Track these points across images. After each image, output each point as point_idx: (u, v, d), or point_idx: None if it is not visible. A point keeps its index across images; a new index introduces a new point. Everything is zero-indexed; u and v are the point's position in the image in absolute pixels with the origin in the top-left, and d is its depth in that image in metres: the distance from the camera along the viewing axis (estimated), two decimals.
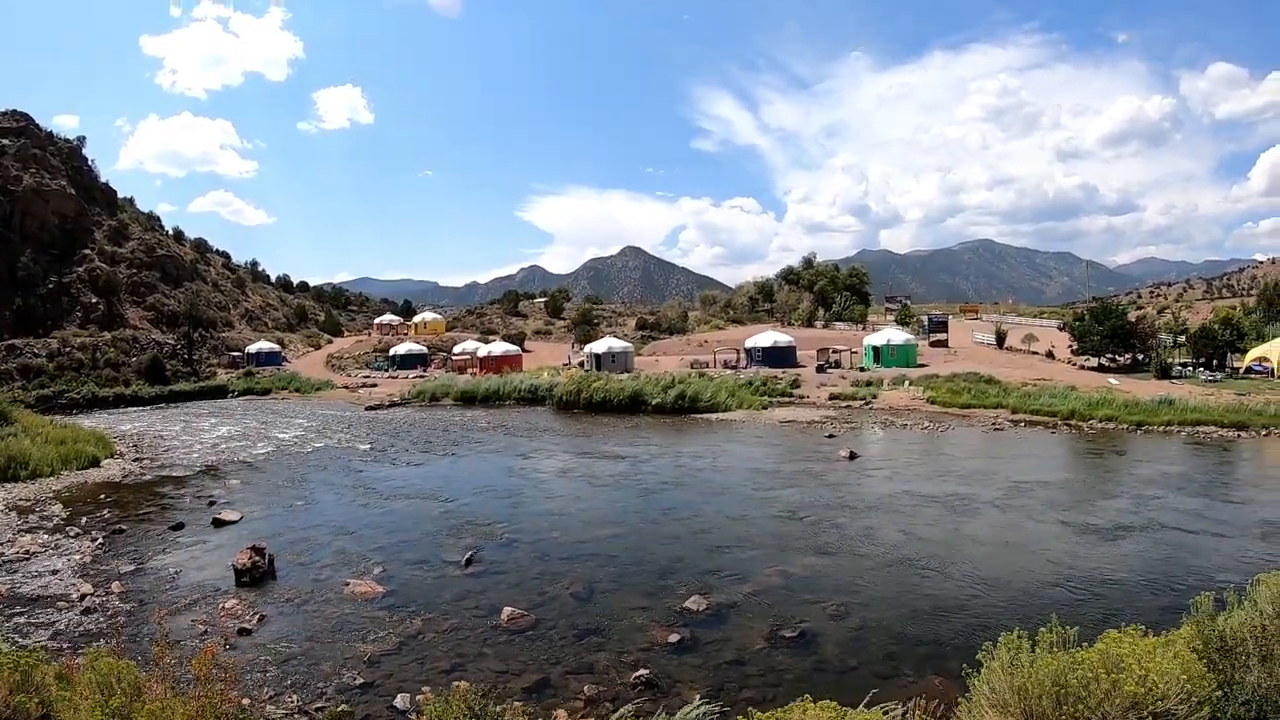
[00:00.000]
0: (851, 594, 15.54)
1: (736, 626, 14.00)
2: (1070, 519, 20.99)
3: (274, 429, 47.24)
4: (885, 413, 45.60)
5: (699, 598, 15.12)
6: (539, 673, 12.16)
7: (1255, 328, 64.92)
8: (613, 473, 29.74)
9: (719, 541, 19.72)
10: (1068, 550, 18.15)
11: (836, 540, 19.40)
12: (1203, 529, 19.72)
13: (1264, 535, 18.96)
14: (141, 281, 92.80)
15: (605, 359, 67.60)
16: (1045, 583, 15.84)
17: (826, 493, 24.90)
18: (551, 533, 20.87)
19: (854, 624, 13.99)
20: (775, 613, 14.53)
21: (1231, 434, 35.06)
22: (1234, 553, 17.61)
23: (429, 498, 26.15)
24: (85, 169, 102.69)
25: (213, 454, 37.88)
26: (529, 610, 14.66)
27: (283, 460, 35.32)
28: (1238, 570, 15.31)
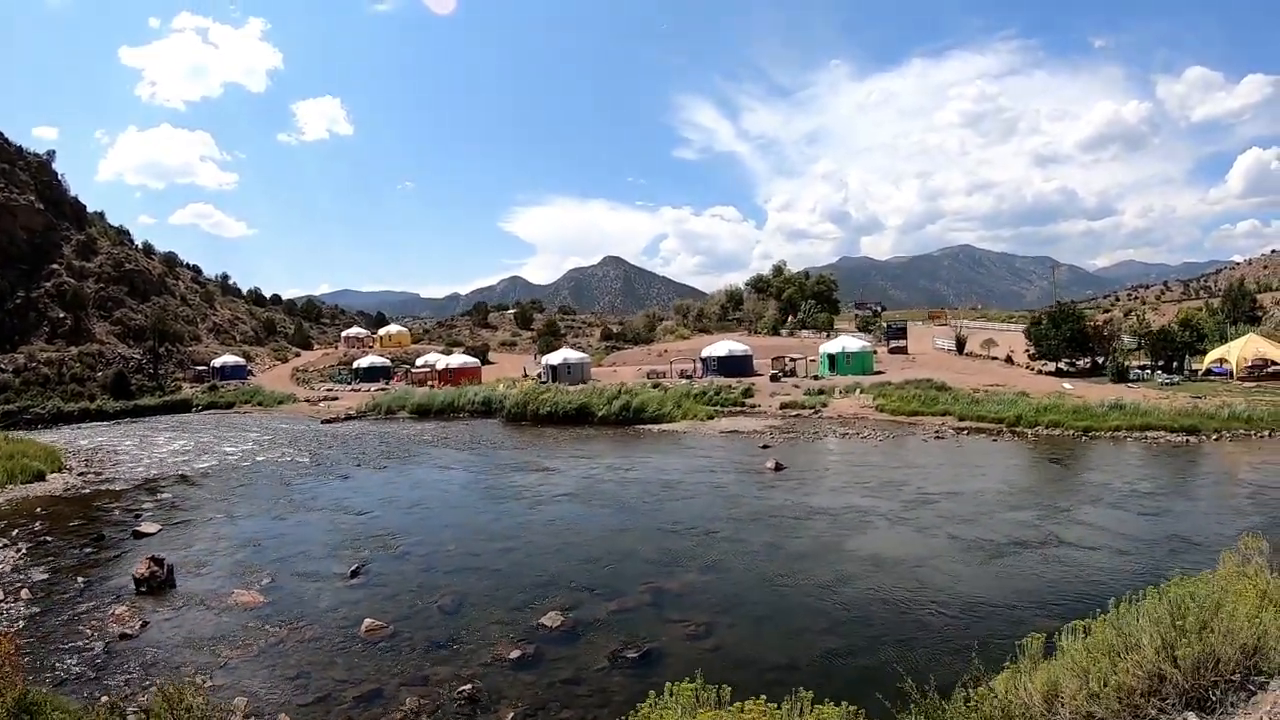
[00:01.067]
0: (719, 613, 15.57)
1: (585, 644, 14.24)
2: (963, 533, 20.60)
3: (225, 443, 48.08)
4: (831, 422, 45.85)
5: (556, 614, 15.41)
6: (375, 683, 12.83)
7: (1218, 328, 64.71)
8: (529, 485, 30.52)
9: (604, 556, 20.06)
10: (945, 569, 17.87)
11: (724, 556, 19.42)
12: (1104, 544, 19.22)
13: (1171, 551, 18.09)
14: (109, 296, 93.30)
15: (561, 370, 68.10)
16: (909, 604, 15.56)
17: (735, 506, 25.18)
18: (446, 546, 21.69)
19: (709, 645, 14.10)
20: (630, 631, 14.65)
21: (1180, 439, 34.97)
22: (1127, 571, 16.82)
23: (342, 510, 27.09)
24: (55, 183, 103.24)
25: (157, 468, 38.77)
26: (389, 622, 15.33)
27: (221, 474, 36.21)
28: (1121, 591, 14.76)
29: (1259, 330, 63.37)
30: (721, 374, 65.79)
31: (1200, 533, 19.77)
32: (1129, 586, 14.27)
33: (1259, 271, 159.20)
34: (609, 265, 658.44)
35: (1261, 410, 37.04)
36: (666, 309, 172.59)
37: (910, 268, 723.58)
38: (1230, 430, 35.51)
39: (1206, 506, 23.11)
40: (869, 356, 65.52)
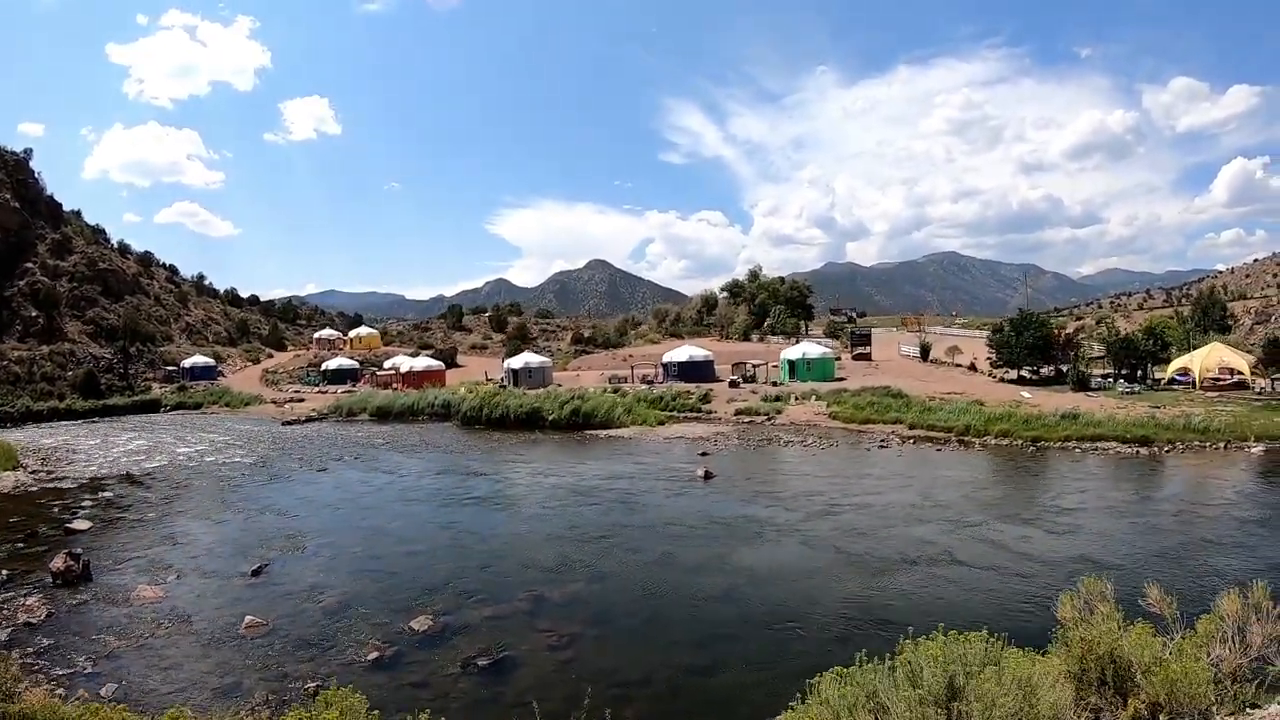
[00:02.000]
0: (591, 624, 15.78)
1: (444, 649, 14.63)
2: (854, 548, 20.54)
3: (181, 444, 49.07)
4: (781, 429, 46.11)
5: (427, 618, 15.89)
6: (236, 677, 13.56)
7: (1186, 336, 64.52)
8: (451, 489, 31.50)
9: (497, 561, 20.62)
10: (822, 585, 17.85)
11: (618, 566, 19.72)
12: (996, 564, 18.79)
13: (1067, 574, 17.01)
14: (82, 295, 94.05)
15: (522, 374, 68.70)
16: (775, 622, 15.48)
17: (647, 515, 25.51)
18: (352, 547, 22.67)
19: (566, 656, 14.26)
20: (493, 639, 14.92)
21: (1130, 450, 34.45)
22: (1004, 595, 16.63)
23: (267, 511, 28.15)
24: (31, 182, 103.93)
25: (108, 467, 39.75)
26: (271, 620, 16.18)
27: (167, 474, 37.22)
28: (1002, 617, 14.70)
29: (1228, 339, 63.40)
30: (682, 379, 66.23)
31: (1108, 554, 19.23)
32: (997, 613, 15.06)
33: (1241, 280, 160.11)
34: (595, 268, 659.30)
35: (1219, 421, 36.76)
36: (645, 313, 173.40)
37: (895, 274, 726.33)
38: (1184, 441, 35.15)
39: (1127, 525, 22.33)
40: (830, 363, 65.63)
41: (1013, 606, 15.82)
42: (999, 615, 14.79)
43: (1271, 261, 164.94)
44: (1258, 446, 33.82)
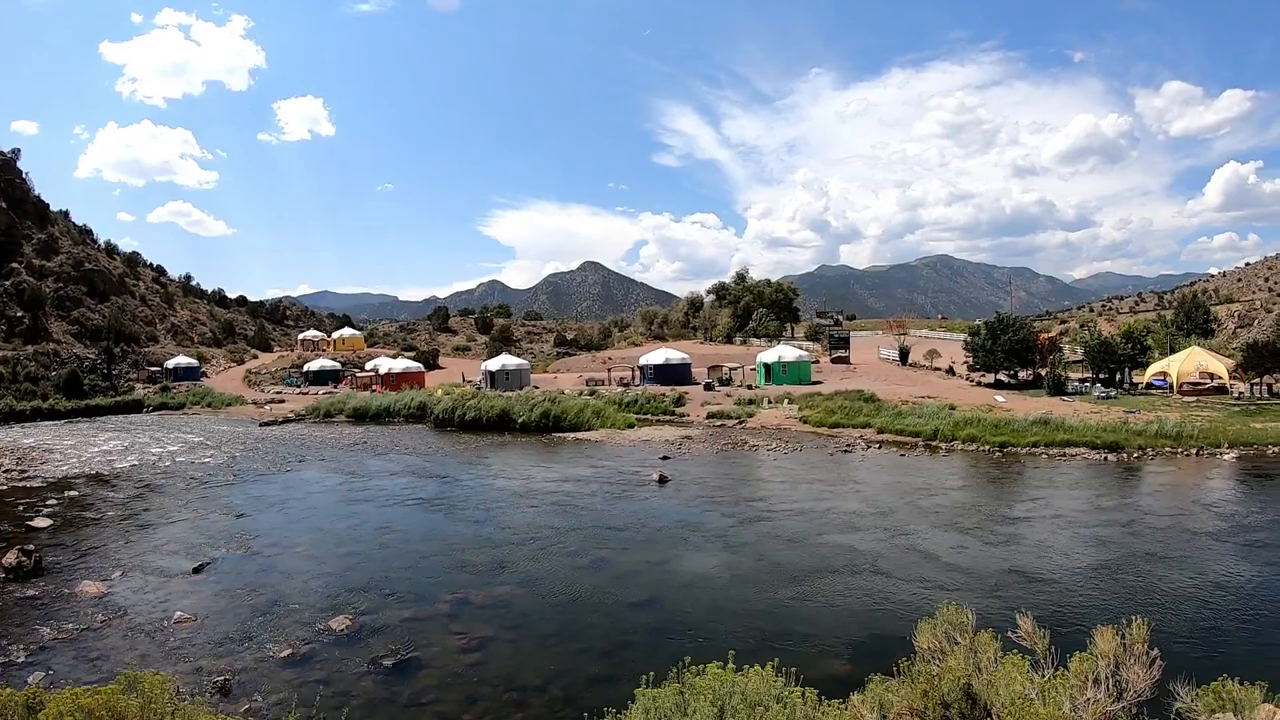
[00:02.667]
0: (507, 628, 16.10)
1: (356, 649, 15.04)
2: (781, 555, 20.79)
3: (156, 444, 49.72)
4: (751, 433, 46.35)
5: (345, 617, 16.39)
6: (149, 667, 13.75)
7: (1168, 340, 64.84)
8: (405, 491, 32.10)
9: (427, 563, 21.10)
10: (738, 594, 18.01)
11: (548, 570, 20.00)
12: (921, 576, 18.73)
13: (989, 588, 17.53)
14: (68, 295, 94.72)
15: (499, 376, 69.47)
16: (684, 632, 15.59)
17: (592, 519, 25.87)
18: (295, 547, 23.38)
19: (473, 659, 14.53)
20: (405, 640, 15.35)
21: (1099, 456, 34.42)
22: (918, 607, 15.50)
23: (222, 511, 28.83)
24: (19, 182, 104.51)
25: (80, 467, 40.44)
26: (199, 616, 16.81)
27: (136, 474, 37.90)
28: (903, 630, 13.94)
29: (1209, 343, 64.27)
30: (658, 382, 67.06)
31: (1040, 567, 19.16)
32: (901, 627, 13.90)
33: (1233, 284, 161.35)
34: (588, 270, 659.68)
35: (1193, 426, 36.72)
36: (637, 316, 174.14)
37: (888, 277, 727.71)
38: (1155, 448, 35.00)
39: (1069, 536, 21.98)
40: (806, 366, 66.33)
41: (916, 621, 15.60)
42: (900, 629, 14.17)
43: (1263, 265, 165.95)
44: (1230, 453, 33.74)
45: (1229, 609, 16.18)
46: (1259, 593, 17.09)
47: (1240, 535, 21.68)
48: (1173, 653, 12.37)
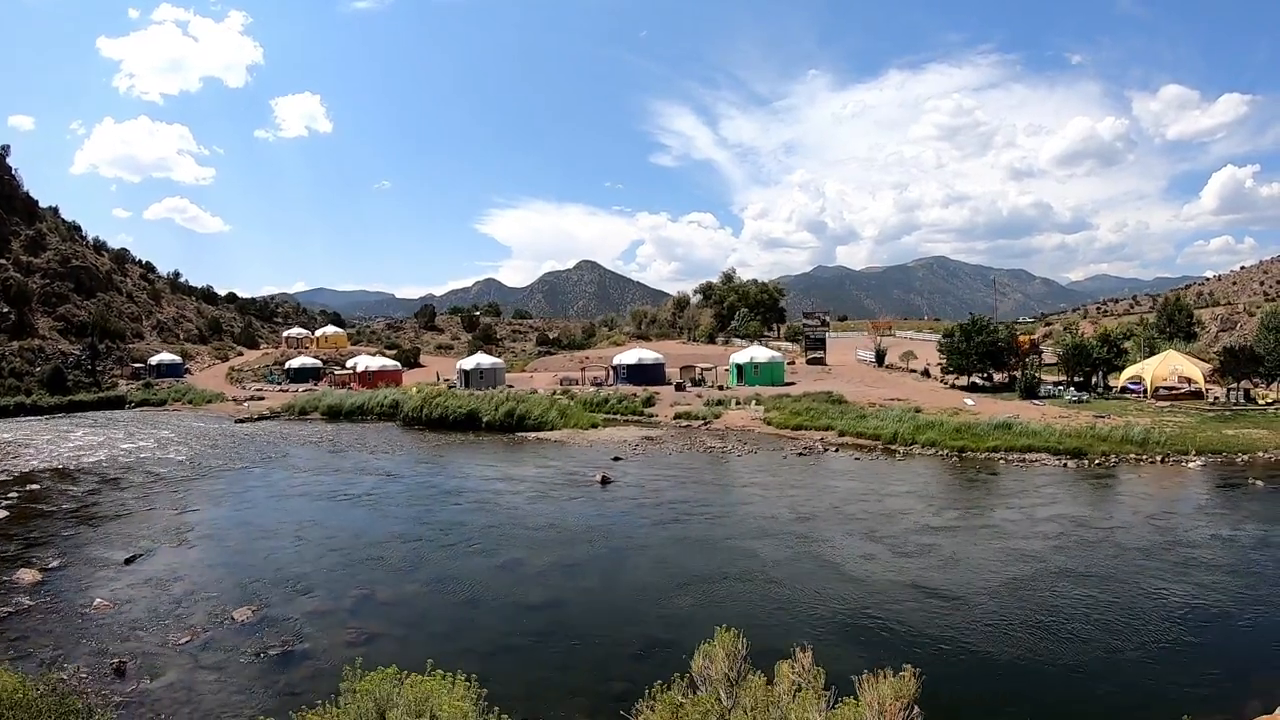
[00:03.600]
0: (401, 624, 16.91)
1: (252, 638, 15.90)
2: (684, 559, 21.23)
3: (129, 440, 50.86)
4: (714, 434, 46.42)
5: (248, 609, 17.32)
6: (64, 649, 15.23)
7: (1147, 343, 63.71)
8: (348, 487, 33.24)
9: (345, 558, 21.81)
10: (633, 597, 18.49)
11: (459, 569, 20.72)
12: (817, 586, 18.73)
13: (872, 605, 17.26)
14: (54, 291, 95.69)
15: (474, 375, 70.09)
16: (574, 633, 16.15)
17: (521, 518, 26.51)
18: (226, 541, 24.51)
19: (359, 652, 14.02)
20: (298, 632, 16.19)
21: (1059, 462, 33.91)
22: (796, 620, 16.51)
23: (168, 504, 30.08)
24: (7, 179, 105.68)
25: (49, 461, 41.75)
26: (117, 603, 17.89)
27: (100, 469, 39.14)
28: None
29: (1192, 347, 63.95)
30: (631, 382, 67.17)
31: (946, 582, 18.81)
32: (776, 639, 14.20)
33: (1228, 287, 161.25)
34: (584, 269, 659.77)
35: (1162, 433, 36.12)
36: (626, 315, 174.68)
37: (885, 278, 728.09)
38: (1120, 454, 34.27)
39: (989, 549, 21.55)
40: (779, 367, 66.43)
41: (786, 634, 15.05)
42: (763, 641, 14.17)
43: (1258, 269, 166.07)
44: (1197, 461, 33.15)
45: (1123, 638, 15.34)
46: (1169, 621, 16.20)
47: (1175, 553, 20.86)
48: (1031, 691, 13.18)
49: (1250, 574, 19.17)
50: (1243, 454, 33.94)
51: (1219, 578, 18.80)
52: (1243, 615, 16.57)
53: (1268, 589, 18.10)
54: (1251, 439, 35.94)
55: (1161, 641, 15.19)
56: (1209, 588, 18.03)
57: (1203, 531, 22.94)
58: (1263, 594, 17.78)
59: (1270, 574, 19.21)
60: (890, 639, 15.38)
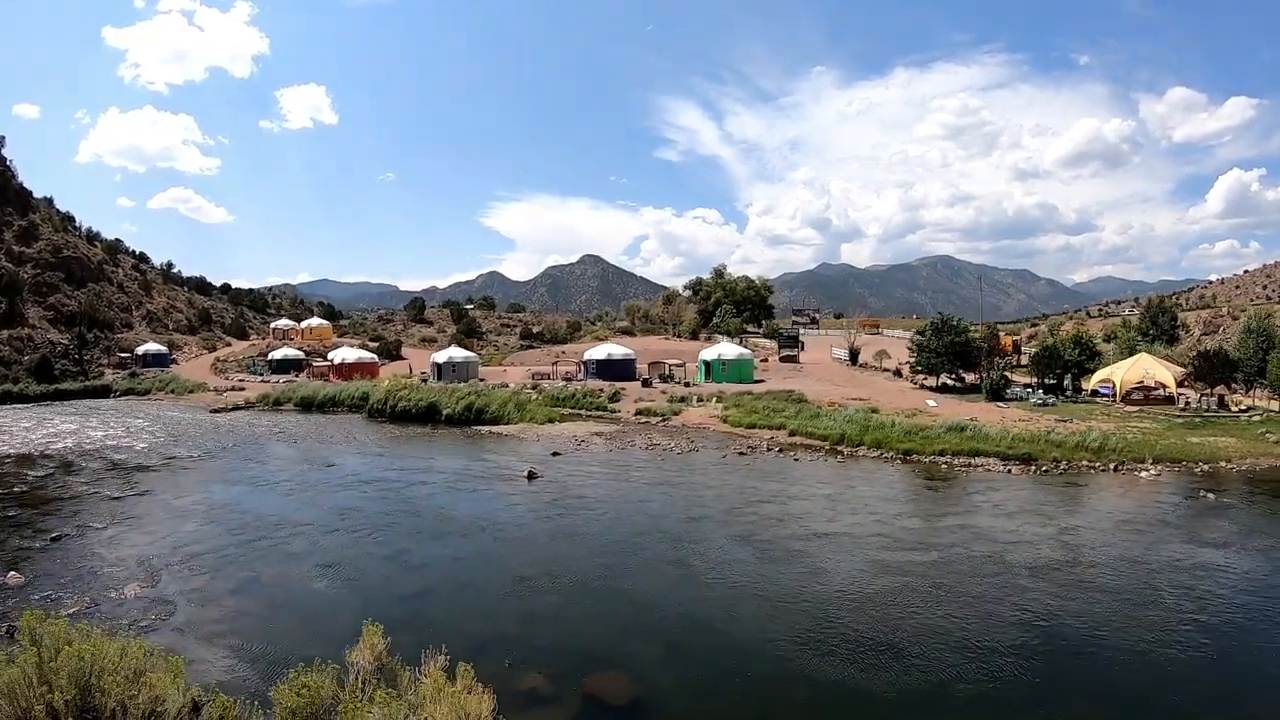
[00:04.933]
0: (263, 603, 18.40)
1: (129, 610, 17.58)
2: (540, 555, 22.08)
3: (102, 428, 52.71)
4: (670, 430, 46.98)
5: (137, 585, 19.11)
6: None
7: (1128, 345, 63.08)
8: (277, 474, 35.37)
9: (251, 544, 23.18)
10: (474, 593, 19.35)
11: (333, 556, 21.98)
12: (655, 589, 19.27)
13: (709, 617, 17.37)
14: (45, 281, 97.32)
15: (446, 368, 71.32)
16: (405, 623, 16.18)
17: (426, 509, 27.99)
18: (149, 523, 26.28)
19: (229, 625, 16.90)
20: (176, 608, 17.88)
21: (1003, 468, 33.35)
22: (640, 624, 17.14)
23: (110, 491, 31.70)
24: (1, 170, 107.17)
25: (19, 448, 43.69)
26: (29, 576, 19.73)
27: (64, 455, 41.02)
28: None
29: (1175, 350, 63.00)
30: (600, 377, 67.93)
31: (798, 592, 18.69)
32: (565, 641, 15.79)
33: (1231, 291, 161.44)
34: (588, 264, 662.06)
35: (1122, 439, 35.42)
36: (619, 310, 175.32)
37: (888, 276, 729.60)
38: (1072, 460, 33.65)
39: (867, 559, 21.32)
40: (748, 365, 66.55)
41: (599, 635, 16.69)
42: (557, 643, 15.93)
43: (1261, 273, 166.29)
44: (1152, 470, 32.27)
45: (937, 670, 14.67)
46: (1014, 652, 15.33)
47: (1066, 574, 19.90)
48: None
49: (1137, 601, 18.00)
50: (1204, 464, 33.06)
51: (1093, 604, 17.78)
52: (1086, 649, 15.51)
53: (1141, 619, 16.99)
54: (1217, 448, 35.12)
55: (986, 677, 14.33)
56: (1070, 615, 17.12)
57: (1113, 550, 21.84)
58: (1134, 623, 16.77)
59: (1160, 602, 17.98)
60: (667, 647, 15.86)
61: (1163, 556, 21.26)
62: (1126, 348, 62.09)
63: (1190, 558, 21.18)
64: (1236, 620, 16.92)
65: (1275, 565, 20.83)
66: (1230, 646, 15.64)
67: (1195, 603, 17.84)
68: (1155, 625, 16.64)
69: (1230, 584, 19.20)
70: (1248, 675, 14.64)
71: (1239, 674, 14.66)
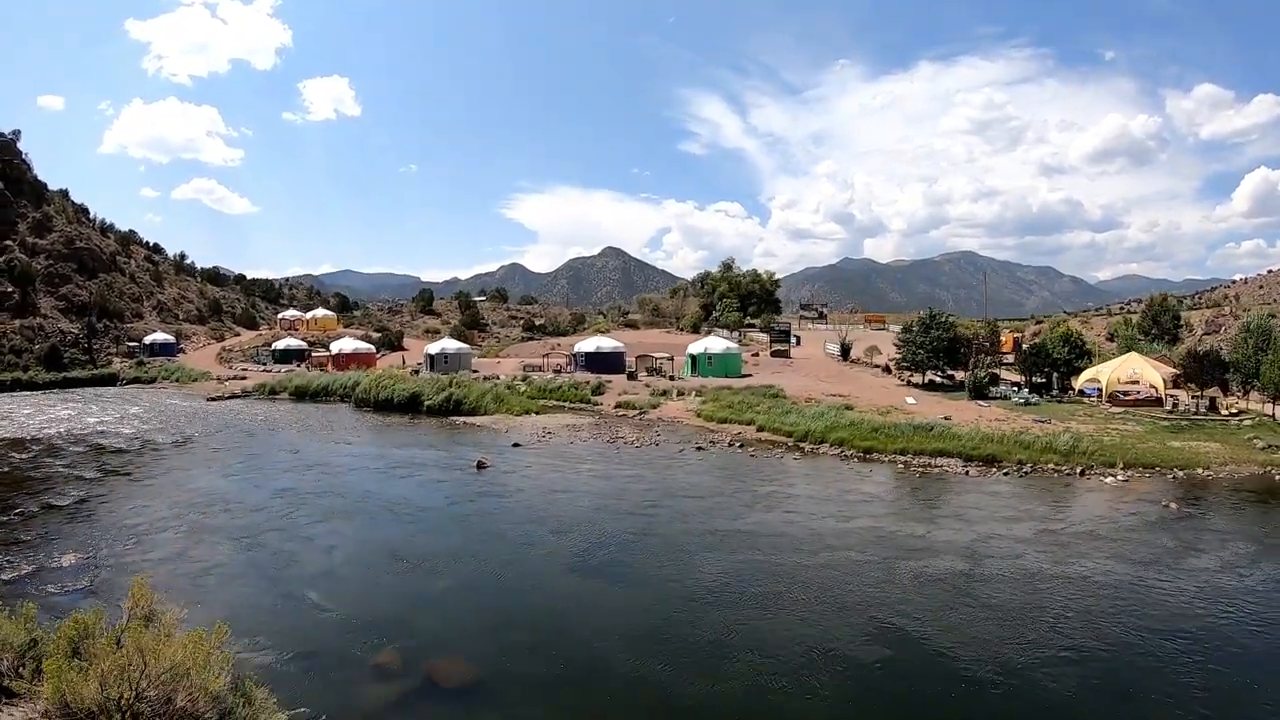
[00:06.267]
0: (181, 575, 19.50)
1: (59, 579, 19.09)
2: (444, 543, 23.26)
3: (98, 415, 54.85)
4: (639, 424, 47.52)
5: (74, 555, 20.84)
6: None
7: (1127, 344, 62.24)
8: (245, 459, 37.43)
9: (190, 521, 25.04)
10: (368, 575, 20.26)
11: (274, 540, 23.24)
12: (532, 584, 19.76)
13: (571, 610, 17.80)
14: (57, 272, 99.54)
15: (439, 360, 73.03)
16: (307, 603, 18.01)
17: (368, 494, 29.54)
18: (100, 502, 28.27)
19: (82, 588, 18.52)
20: (96, 576, 19.46)
21: (961, 469, 33.00)
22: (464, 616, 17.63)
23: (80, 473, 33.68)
24: (16, 163, 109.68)
25: (13, 432, 45.87)
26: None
27: (53, 439, 43.03)
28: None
29: (1175, 350, 60.42)
30: (589, 369, 68.93)
31: (655, 594, 18.83)
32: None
33: (1255, 290, 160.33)
34: (609, 256, 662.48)
35: (1097, 442, 34.80)
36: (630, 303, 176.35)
37: (911, 272, 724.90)
38: (1038, 463, 32.98)
39: (746, 560, 21.13)
40: (735, 359, 67.28)
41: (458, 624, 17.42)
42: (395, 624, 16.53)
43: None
44: (1119, 476, 31.30)
45: (767, 675, 14.58)
46: (835, 664, 15.11)
47: (947, 584, 19.33)
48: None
49: (1005, 619, 17.22)
50: (1179, 470, 31.92)
51: (954, 620, 17.12)
52: (922, 681, 14.62)
53: (1000, 641, 16.09)
54: (1197, 453, 34.05)
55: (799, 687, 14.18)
56: (914, 630, 16.59)
57: (1022, 563, 20.88)
58: (988, 645, 15.86)
59: (1033, 621, 17.06)
60: (514, 635, 16.49)
61: (1071, 572, 20.08)
62: (1125, 346, 60.95)
63: (1103, 575, 19.85)
64: (1105, 654, 15.48)
65: (1197, 592, 18.75)
66: (1089, 686, 14.21)
67: (1075, 628, 16.66)
68: (1010, 649, 15.63)
69: (1129, 609, 17.65)
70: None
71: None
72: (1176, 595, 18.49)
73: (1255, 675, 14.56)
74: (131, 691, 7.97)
